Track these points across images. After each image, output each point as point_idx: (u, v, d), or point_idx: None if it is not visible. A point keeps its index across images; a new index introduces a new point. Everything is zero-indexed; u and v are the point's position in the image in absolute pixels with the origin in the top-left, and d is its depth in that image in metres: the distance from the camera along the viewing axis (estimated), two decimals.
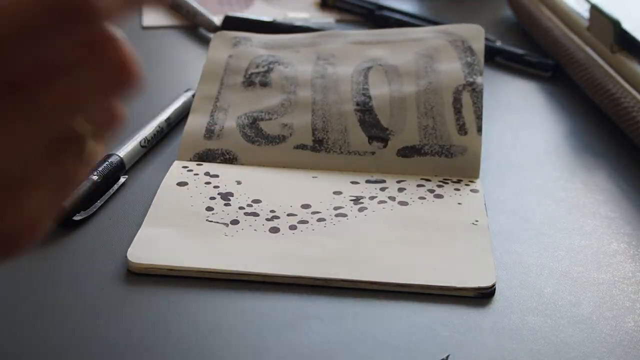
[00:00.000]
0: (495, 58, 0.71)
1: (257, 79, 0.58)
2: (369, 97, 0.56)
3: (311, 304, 0.42)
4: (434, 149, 0.54)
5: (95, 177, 0.50)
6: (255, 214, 0.48)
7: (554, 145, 0.60)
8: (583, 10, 0.67)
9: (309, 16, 0.78)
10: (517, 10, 0.76)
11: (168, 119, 0.58)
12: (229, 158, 0.54)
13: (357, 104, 0.56)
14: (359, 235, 0.47)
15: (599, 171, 0.56)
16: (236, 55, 0.60)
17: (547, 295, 0.44)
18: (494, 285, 0.43)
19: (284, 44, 0.61)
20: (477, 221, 0.48)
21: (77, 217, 0.48)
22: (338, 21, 0.78)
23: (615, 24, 0.61)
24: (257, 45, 0.61)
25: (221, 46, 0.61)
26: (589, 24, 0.65)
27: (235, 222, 0.47)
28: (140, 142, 0.54)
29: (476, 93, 0.55)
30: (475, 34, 0.59)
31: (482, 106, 0.55)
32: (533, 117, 0.64)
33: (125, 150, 0.53)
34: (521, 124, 0.62)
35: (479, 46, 0.58)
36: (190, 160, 0.54)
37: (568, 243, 0.49)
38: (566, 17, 0.69)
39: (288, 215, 0.48)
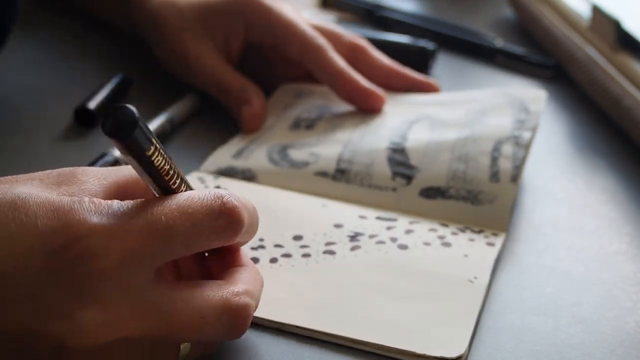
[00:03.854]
0: (496, 58, 0.70)
1: (304, 123, 0.57)
2: (405, 139, 0.53)
3: (265, 346, 0.40)
4: (460, 193, 0.49)
5: None
6: None
7: (554, 144, 0.60)
8: (584, 10, 0.67)
9: (309, 15, 0.78)
10: (518, 10, 0.76)
11: (171, 120, 0.57)
12: (248, 176, 0.52)
13: (391, 143, 0.53)
14: (336, 279, 0.44)
15: (600, 171, 0.56)
16: (293, 105, 0.59)
17: (547, 295, 0.44)
18: (460, 357, 0.39)
19: None
20: (475, 278, 0.44)
21: None
22: (338, 20, 0.78)
23: (616, 24, 0.61)
24: (318, 97, 0.60)
25: (282, 97, 0.60)
26: (590, 23, 0.65)
27: None
28: None
29: (519, 146, 0.51)
30: (535, 97, 0.56)
31: (524, 158, 0.51)
32: None
33: None
34: None
35: (537, 108, 0.55)
36: (210, 173, 0.53)
37: (569, 243, 0.48)
38: (567, 17, 0.69)
39: (275, 246, 0.46)
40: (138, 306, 0.33)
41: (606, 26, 0.62)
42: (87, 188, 0.36)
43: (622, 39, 0.61)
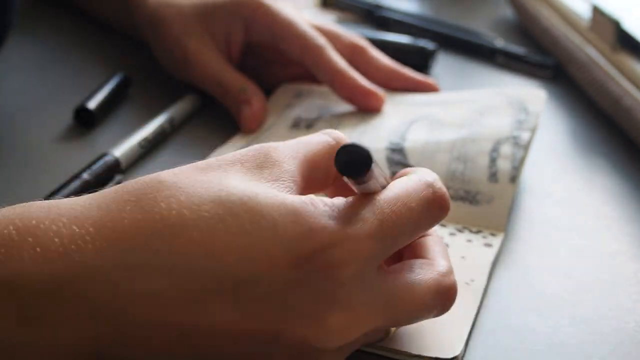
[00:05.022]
0: (496, 58, 0.70)
1: (303, 123, 0.57)
2: (404, 139, 0.52)
3: None
4: (459, 193, 0.49)
5: (86, 176, 0.50)
6: None
7: (554, 144, 0.60)
8: (584, 10, 0.67)
9: (309, 15, 0.78)
10: (518, 10, 0.76)
11: (171, 120, 0.57)
12: None
13: (390, 143, 0.52)
14: None
15: (600, 171, 0.56)
16: (293, 105, 0.59)
17: (547, 295, 0.44)
18: (455, 358, 0.39)
19: None
20: (472, 281, 0.44)
21: None
22: (338, 20, 0.78)
23: (616, 24, 0.61)
24: (318, 96, 0.60)
25: (281, 97, 0.60)
26: (590, 23, 0.65)
27: None
28: (139, 142, 0.54)
29: (518, 146, 0.51)
30: (534, 97, 0.56)
31: (523, 159, 0.50)
32: None
33: (121, 150, 0.53)
34: None
35: (536, 108, 0.54)
36: None
37: (569, 243, 0.48)
38: (567, 17, 0.69)
39: None
40: (372, 302, 0.34)
41: (606, 26, 0.62)
42: (287, 169, 0.36)
43: (622, 39, 0.61)
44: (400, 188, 0.36)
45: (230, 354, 0.33)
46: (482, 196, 0.49)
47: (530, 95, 0.56)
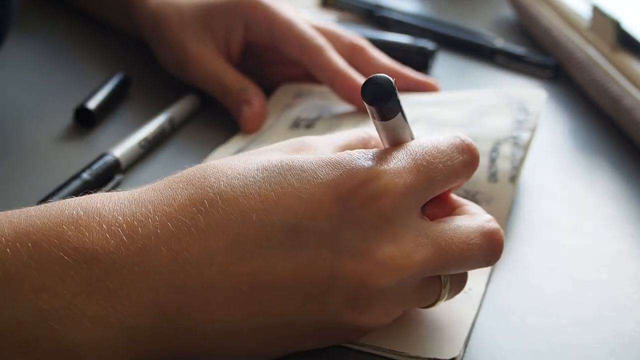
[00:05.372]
0: (496, 58, 0.70)
1: (303, 123, 0.57)
2: None
3: None
4: (458, 193, 0.48)
5: (86, 176, 0.50)
6: None
7: (554, 144, 0.60)
8: (584, 10, 0.67)
9: (309, 15, 0.78)
10: (518, 10, 0.76)
11: (171, 120, 0.57)
12: None
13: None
14: None
15: (600, 171, 0.56)
16: (293, 105, 0.59)
17: (547, 295, 0.44)
18: (454, 359, 0.39)
19: None
20: (470, 289, 0.43)
21: None
22: (338, 20, 0.78)
23: (616, 24, 0.61)
24: (318, 96, 0.60)
25: (281, 97, 0.60)
26: (590, 23, 0.65)
27: None
28: (139, 142, 0.54)
29: (518, 146, 0.51)
30: (534, 98, 0.55)
31: (523, 159, 0.50)
32: None
33: (121, 150, 0.53)
34: None
35: (536, 108, 0.54)
36: None
37: (569, 243, 0.48)
38: (567, 17, 0.69)
39: None
40: (418, 239, 0.36)
41: (606, 26, 0.62)
42: (323, 152, 0.39)
43: (622, 39, 0.61)
44: (430, 137, 0.39)
45: (286, 313, 0.35)
46: (481, 196, 0.49)
47: (530, 95, 0.56)
